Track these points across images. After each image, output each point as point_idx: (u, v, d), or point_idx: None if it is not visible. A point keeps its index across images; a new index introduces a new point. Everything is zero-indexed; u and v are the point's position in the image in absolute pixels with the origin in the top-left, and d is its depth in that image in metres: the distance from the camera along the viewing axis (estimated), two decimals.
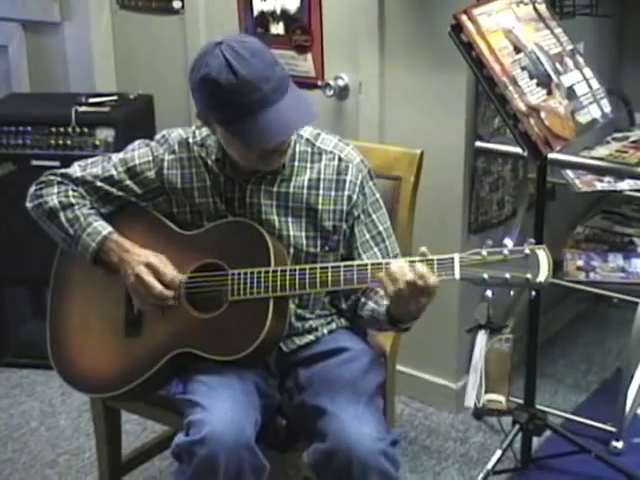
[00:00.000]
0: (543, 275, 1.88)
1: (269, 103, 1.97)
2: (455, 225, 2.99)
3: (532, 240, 1.94)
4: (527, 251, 1.90)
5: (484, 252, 1.91)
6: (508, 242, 1.91)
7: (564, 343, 3.55)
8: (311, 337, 2.23)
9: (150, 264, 2.12)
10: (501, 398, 2.61)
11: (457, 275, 1.92)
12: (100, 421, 2.56)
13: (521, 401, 2.73)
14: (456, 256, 1.93)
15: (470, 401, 3.09)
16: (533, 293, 2.03)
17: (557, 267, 3.14)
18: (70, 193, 2.22)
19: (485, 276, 1.90)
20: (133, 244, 2.17)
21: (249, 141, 2.01)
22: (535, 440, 2.82)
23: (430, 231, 2.86)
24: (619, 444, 2.91)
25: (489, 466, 2.67)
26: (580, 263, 3.14)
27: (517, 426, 2.69)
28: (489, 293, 1.96)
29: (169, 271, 2.13)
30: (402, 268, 1.92)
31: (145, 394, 2.25)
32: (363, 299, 2.19)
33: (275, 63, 2.01)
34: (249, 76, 1.94)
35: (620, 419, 2.91)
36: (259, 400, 2.08)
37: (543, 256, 1.90)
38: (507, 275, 1.89)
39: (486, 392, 2.72)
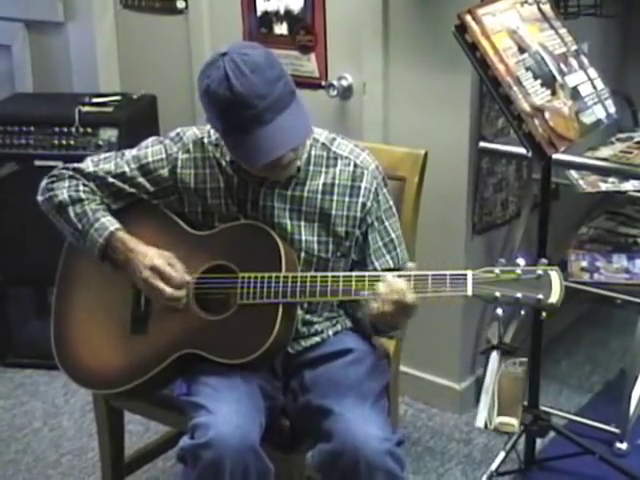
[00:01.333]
0: (555, 297, 1.89)
1: (263, 122, 1.95)
2: (459, 225, 2.99)
3: (544, 260, 1.93)
4: (540, 271, 1.90)
5: (497, 270, 1.91)
6: (521, 261, 1.91)
7: (568, 344, 3.55)
8: (317, 339, 2.23)
9: (155, 267, 2.11)
10: (514, 421, 2.60)
11: (469, 292, 1.92)
12: (103, 421, 2.55)
13: (525, 402, 2.72)
14: (469, 273, 1.93)
15: (481, 422, 3.07)
16: (544, 314, 2.03)
17: (561, 268, 3.13)
18: (81, 188, 2.22)
19: (497, 294, 1.90)
20: (138, 242, 2.16)
21: (241, 157, 2.03)
22: (539, 441, 2.81)
23: (434, 231, 2.86)
24: (623, 445, 2.90)
25: (493, 467, 2.67)
26: (584, 264, 3.13)
27: (521, 427, 2.68)
28: (499, 311, 1.97)
29: (177, 273, 2.12)
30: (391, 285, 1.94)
31: (149, 392, 2.24)
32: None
33: (277, 79, 1.98)
34: (244, 92, 1.93)
35: (624, 420, 2.91)
36: (263, 402, 2.07)
37: (555, 277, 1.90)
38: (519, 295, 1.89)
39: (498, 415, 2.71)
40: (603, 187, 3.11)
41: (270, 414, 2.10)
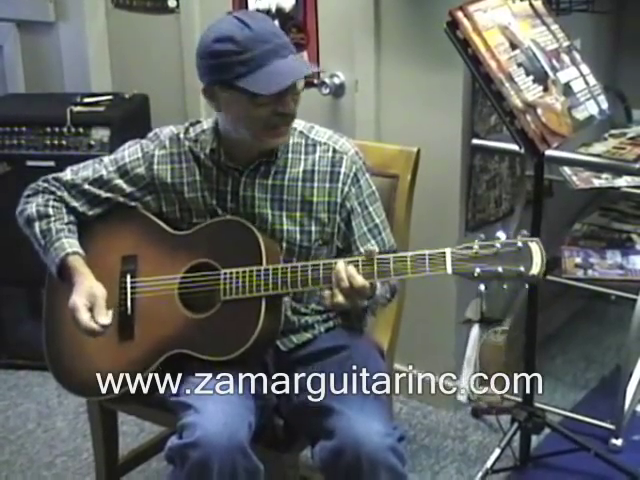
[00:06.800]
0: (536, 268, 1.86)
1: (280, 56, 2.04)
2: (452, 223, 2.98)
3: (525, 232, 1.92)
4: (520, 244, 1.88)
5: (476, 246, 1.90)
6: (501, 235, 1.89)
7: (562, 340, 3.55)
8: (308, 335, 2.22)
9: (72, 307, 2.12)
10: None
11: (449, 270, 1.90)
12: (97, 422, 2.55)
13: (520, 399, 2.72)
14: (448, 250, 1.91)
15: (464, 396, 3.08)
16: (527, 285, 2.01)
17: (555, 264, 3.14)
18: (50, 203, 2.24)
19: (477, 270, 1.88)
20: (81, 273, 2.16)
21: (261, 87, 2.00)
22: (534, 438, 2.81)
23: (427, 229, 2.85)
24: (618, 441, 2.90)
25: (488, 464, 2.66)
26: (578, 260, 3.14)
27: (516, 424, 2.68)
28: (482, 287, 1.95)
29: (85, 320, 2.10)
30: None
31: (140, 396, 2.23)
32: None
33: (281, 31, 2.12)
34: (262, 30, 2.04)
35: (619, 416, 2.91)
36: (254, 401, 2.06)
37: (536, 248, 1.87)
38: (499, 269, 1.87)
39: (481, 385, 2.70)
40: (596, 183, 3.11)
41: (263, 413, 2.09)
